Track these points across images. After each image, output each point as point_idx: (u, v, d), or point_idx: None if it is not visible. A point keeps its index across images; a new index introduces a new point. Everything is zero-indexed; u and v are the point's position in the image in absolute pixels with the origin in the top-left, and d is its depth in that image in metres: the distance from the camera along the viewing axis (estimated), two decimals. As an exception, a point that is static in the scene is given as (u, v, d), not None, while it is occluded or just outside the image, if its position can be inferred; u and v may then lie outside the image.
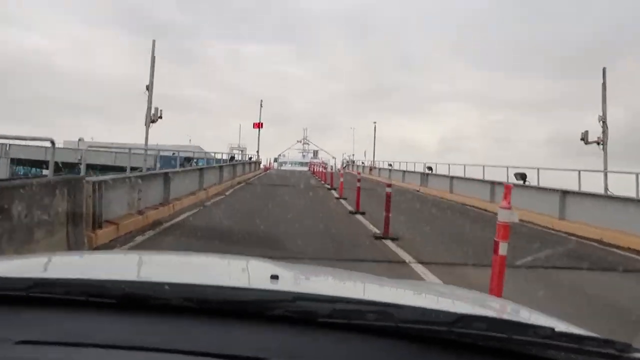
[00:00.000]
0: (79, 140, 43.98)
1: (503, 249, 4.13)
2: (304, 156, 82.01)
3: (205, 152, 26.71)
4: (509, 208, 4.24)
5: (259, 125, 43.24)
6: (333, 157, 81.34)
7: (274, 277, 1.23)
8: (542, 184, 14.64)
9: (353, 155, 66.73)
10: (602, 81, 15.12)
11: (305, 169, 57.25)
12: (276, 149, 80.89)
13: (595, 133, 15.40)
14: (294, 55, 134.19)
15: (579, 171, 12.77)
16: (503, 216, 4.17)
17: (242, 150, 74.66)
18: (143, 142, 15.56)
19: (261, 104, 47.28)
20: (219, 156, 23.36)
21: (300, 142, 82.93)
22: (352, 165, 54.76)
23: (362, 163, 52.76)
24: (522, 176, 15.99)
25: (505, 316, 1.36)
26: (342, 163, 63.92)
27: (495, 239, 4.17)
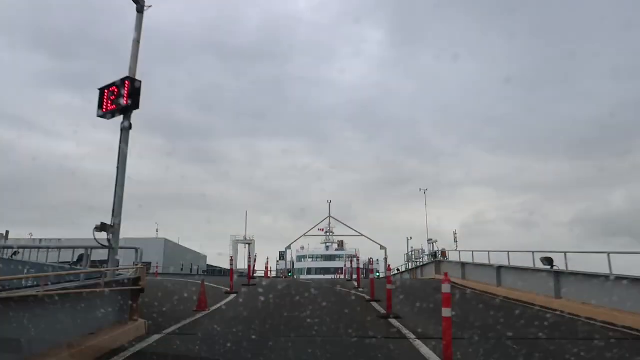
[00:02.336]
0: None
1: None
2: (327, 248, 78.90)
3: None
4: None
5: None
6: (355, 255, 77.34)
7: None
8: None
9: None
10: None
11: (332, 276, 48.36)
12: (295, 242, 78.55)
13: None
14: (309, 149, 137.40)
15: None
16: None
17: (249, 244, 72.21)
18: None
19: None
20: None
21: (323, 230, 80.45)
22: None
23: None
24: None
25: None
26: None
27: None
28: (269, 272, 33.05)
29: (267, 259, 34.04)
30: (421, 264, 33.02)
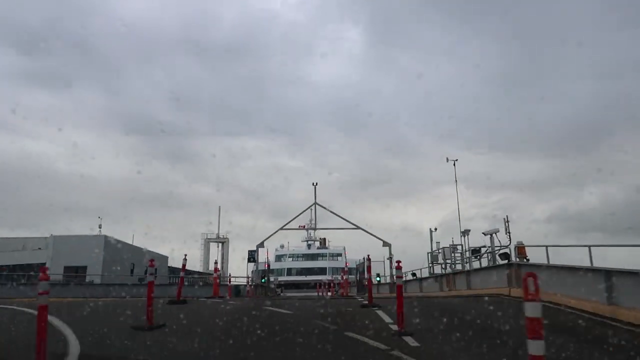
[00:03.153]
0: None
1: None
2: (309, 246, 72.42)
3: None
4: None
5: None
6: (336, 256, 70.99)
7: None
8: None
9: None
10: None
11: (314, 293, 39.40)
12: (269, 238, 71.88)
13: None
14: (288, 148, 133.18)
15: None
16: None
17: (222, 243, 65.42)
18: None
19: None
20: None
21: (304, 227, 73.90)
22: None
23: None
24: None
25: None
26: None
27: None
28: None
29: (215, 262, 27.22)
30: (466, 268, 22.23)
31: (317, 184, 34.26)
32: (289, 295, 34.69)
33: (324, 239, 73.68)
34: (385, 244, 31.50)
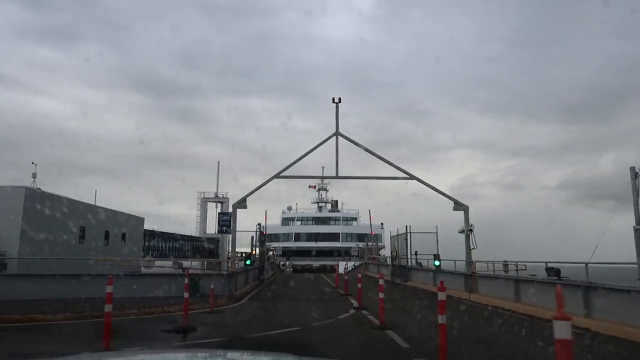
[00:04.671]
0: None
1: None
2: (320, 208, 66.67)
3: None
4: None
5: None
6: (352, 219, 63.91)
7: None
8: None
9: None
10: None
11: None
12: (283, 203, 65.95)
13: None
14: (297, 109, 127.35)
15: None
16: None
17: (222, 203, 58.91)
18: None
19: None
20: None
21: (315, 188, 67.94)
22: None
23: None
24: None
25: None
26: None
27: None
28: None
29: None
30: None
31: (340, 100, 19.50)
32: (291, 280, 29.21)
33: (336, 201, 67.86)
34: (458, 205, 18.18)
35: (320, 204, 67.17)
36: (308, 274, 40.66)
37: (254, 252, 25.38)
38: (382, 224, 60.93)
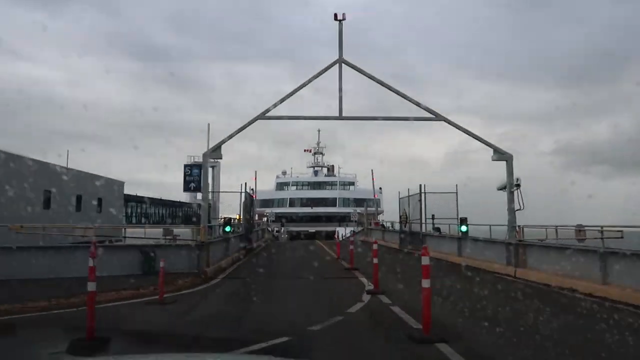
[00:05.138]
0: None
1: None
2: (315, 173, 62.30)
3: None
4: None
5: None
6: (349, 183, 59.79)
7: None
8: None
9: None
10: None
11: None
12: (277, 169, 61.49)
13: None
14: (292, 74, 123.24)
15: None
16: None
17: (212, 167, 54.44)
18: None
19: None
20: None
21: (310, 151, 63.34)
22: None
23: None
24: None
25: None
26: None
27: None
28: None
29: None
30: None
31: (344, 17, 14.96)
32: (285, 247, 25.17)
33: (332, 166, 63.50)
34: (499, 153, 13.83)
35: (316, 168, 62.87)
36: (305, 241, 36.79)
37: (238, 218, 21.18)
38: (380, 188, 57.04)
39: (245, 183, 21.49)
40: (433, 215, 19.85)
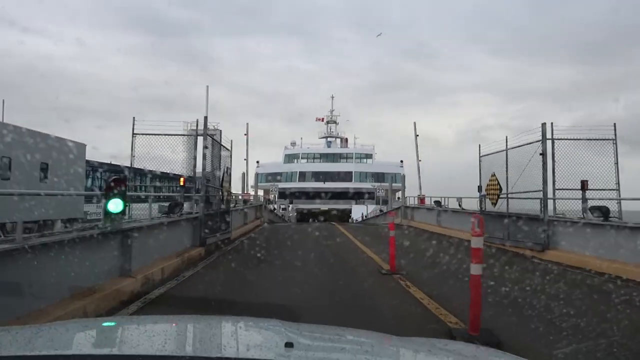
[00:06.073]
0: None
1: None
2: (329, 144, 55.79)
3: None
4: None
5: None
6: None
7: (289, 345, 1.27)
8: None
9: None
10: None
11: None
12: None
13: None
14: (302, 50, 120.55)
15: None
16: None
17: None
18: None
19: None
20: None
21: (323, 120, 56.89)
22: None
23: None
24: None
25: None
26: None
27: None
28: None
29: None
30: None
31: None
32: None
33: (346, 139, 57.09)
34: None
35: (329, 139, 56.66)
36: (318, 224, 28.25)
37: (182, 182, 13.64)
38: (401, 161, 50.78)
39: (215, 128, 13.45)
40: (585, 183, 11.28)
